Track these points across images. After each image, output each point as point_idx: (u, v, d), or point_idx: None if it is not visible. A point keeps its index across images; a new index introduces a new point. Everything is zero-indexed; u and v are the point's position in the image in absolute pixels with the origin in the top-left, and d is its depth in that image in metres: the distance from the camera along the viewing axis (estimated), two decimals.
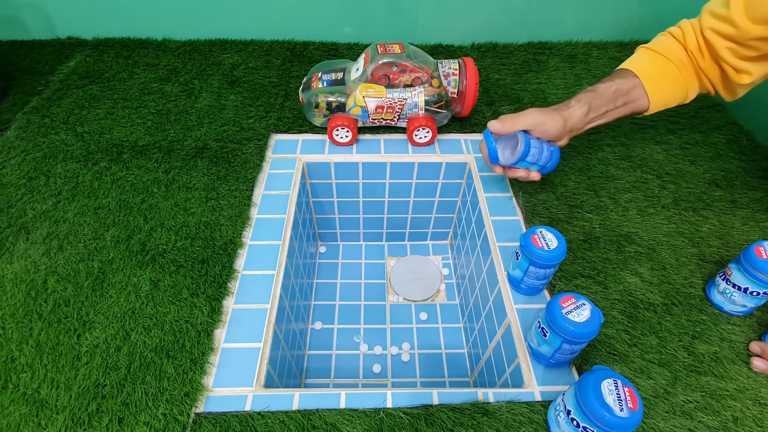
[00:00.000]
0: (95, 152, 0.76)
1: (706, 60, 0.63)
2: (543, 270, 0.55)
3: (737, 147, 0.80)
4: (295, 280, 0.73)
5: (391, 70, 0.72)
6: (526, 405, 0.49)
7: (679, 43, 0.64)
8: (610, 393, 0.40)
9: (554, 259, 0.53)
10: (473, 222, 0.77)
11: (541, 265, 0.54)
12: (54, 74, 0.93)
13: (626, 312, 0.57)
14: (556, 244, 0.53)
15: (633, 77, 0.64)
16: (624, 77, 0.64)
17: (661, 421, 0.48)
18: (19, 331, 0.54)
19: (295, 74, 0.94)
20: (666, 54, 0.64)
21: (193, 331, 0.54)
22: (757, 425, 0.47)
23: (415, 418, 0.48)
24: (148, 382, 0.50)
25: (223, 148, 0.77)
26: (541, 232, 0.54)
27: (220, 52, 1.00)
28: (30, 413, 0.47)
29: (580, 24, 1.04)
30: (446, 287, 0.92)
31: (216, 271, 0.60)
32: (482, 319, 0.72)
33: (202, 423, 0.47)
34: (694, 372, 0.52)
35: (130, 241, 0.63)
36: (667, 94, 0.65)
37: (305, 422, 0.47)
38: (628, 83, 0.64)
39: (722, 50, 0.59)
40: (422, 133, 0.77)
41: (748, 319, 0.57)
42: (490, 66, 0.98)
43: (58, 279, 0.59)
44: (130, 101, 0.86)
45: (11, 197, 0.69)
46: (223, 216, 0.67)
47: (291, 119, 0.84)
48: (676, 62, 0.64)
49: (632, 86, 0.64)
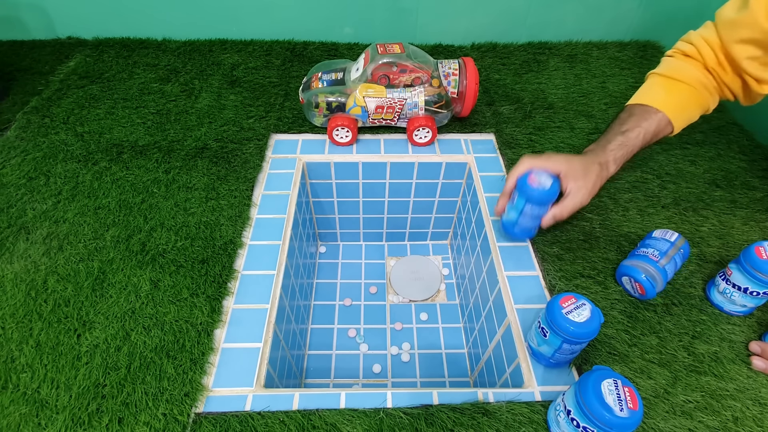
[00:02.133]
0: (95, 152, 0.76)
1: (728, 73, 0.61)
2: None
3: (737, 147, 0.80)
4: (295, 280, 0.73)
5: (391, 70, 0.72)
6: (526, 405, 0.49)
7: (697, 61, 0.63)
8: (610, 393, 0.40)
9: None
10: (473, 222, 0.77)
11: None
12: (54, 74, 0.93)
13: (626, 312, 0.57)
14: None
15: (656, 113, 0.62)
16: (648, 118, 0.62)
17: (661, 421, 0.48)
18: (19, 331, 0.54)
19: (295, 74, 0.94)
20: (684, 79, 0.63)
21: (193, 331, 0.54)
22: (757, 425, 0.47)
23: (415, 418, 0.48)
24: (148, 382, 0.50)
25: (223, 148, 0.77)
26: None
27: (220, 52, 1.00)
28: (30, 413, 0.47)
29: (580, 24, 1.04)
30: (446, 287, 0.92)
31: (216, 271, 0.60)
32: (482, 319, 0.72)
33: (202, 423, 0.47)
34: (694, 372, 0.52)
35: (130, 241, 0.63)
36: (689, 114, 0.64)
37: (305, 422, 0.47)
38: (653, 123, 0.62)
39: (744, 61, 0.58)
40: (422, 133, 0.77)
41: (748, 319, 0.57)
42: (490, 66, 0.98)
43: (58, 279, 0.59)
44: (130, 101, 0.86)
45: (11, 197, 0.69)
46: (223, 216, 0.67)
47: (291, 119, 0.84)
48: (694, 83, 0.62)
49: (657, 122, 0.62)
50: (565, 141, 0.80)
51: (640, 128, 0.62)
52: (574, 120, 0.84)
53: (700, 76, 0.62)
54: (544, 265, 0.62)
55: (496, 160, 0.78)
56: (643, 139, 0.62)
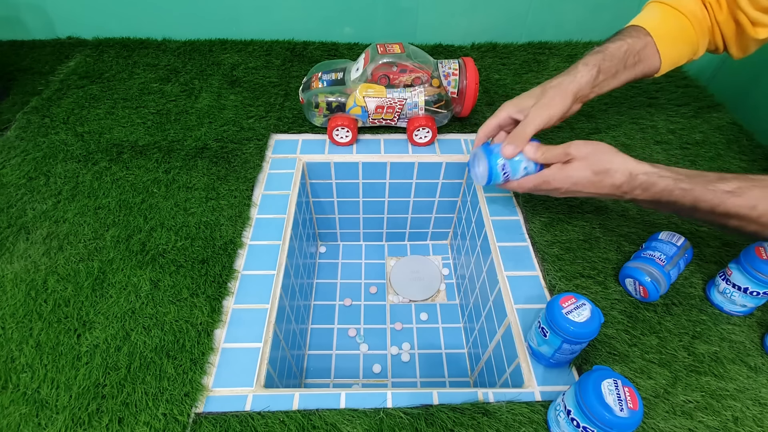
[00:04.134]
0: (95, 152, 0.76)
1: (724, 12, 0.59)
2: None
3: (737, 147, 0.80)
4: (295, 280, 0.73)
5: (391, 70, 0.72)
6: (526, 405, 0.49)
7: None
8: (610, 393, 0.40)
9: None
10: (473, 222, 0.77)
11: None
12: (54, 74, 0.93)
13: (626, 312, 0.57)
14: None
15: (645, 35, 0.59)
16: (635, 36, 0.59)
17: (661, 421, 0.48)
18: (19, 331, 0.54)
19: (295, 74, 0.94)
20: (678, 7, 0.60)
21: (193, 331, 0.54)
22: (757, 425, 0.47)
23: (415, 418, 0.48)
24: (148, 382, 0.50)
25: (223, 148, 0.77)
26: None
27: (220, 52, 1.00)
28: (30, 413, 0.47)
29: (580, 24, 1.04)
30: (446, 287, 0.92)
31: (216, 271, 0.60)
32: (482, 319, 0.72)
33: (202, 423, 0.47)
34: (694, 372, 0.52)
35: (130, 241, 0.63)
36: (679, 51, 0.62)
37: (305, 422, 0.47)
38: (639, 42, 0.59)
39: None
40: (422, 133, 0.77)
41: (748, 319, 0.57)
42: (490, 66, 0.98)
43: (58, 279, 0.59)
44: (130, 101, 0.86)
45: (11, 197, 0.69)
46: (223, 216, 0.67)
47: (291, 119, 0.84)
48: (690, 16, 0.59)
49: (644, 45, 0.59)
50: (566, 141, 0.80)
51: (623, 41, 0.59)
52: (574, 120, 0.84)
53: (696, 9, 0.60)
54: (544, 265, 0.62)
55: None
56: (626, 53, 0.59)
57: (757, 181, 0.45)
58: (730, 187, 0.45)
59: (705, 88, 0.92)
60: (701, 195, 0.46)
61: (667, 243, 0.58)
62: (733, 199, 0.45)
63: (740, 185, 0.45)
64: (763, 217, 0.44)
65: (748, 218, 0.45)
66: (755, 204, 0.44)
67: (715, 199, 0.46)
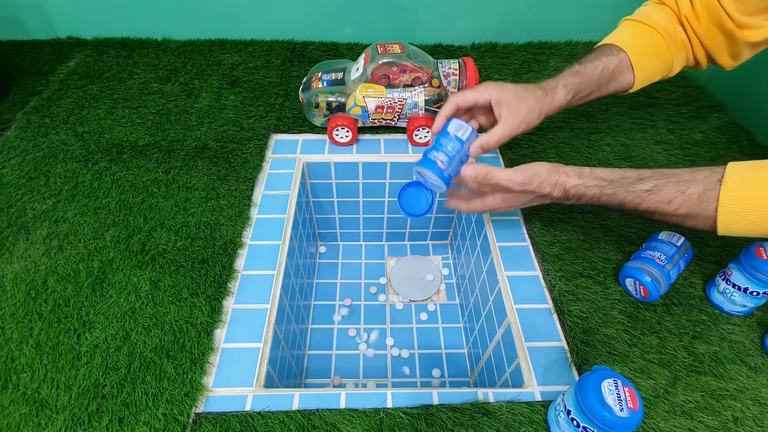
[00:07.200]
0: (95, 152, 0.76)
1: (702, 24, 0.58)
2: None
3: (737, 147, 0.80)
4: (295, 280, 0.73)
5: (391, 70, 0.72)
6: (526, 405, 0.49)
7: (669, 8, 0.61)
8: (610, 393, 0.40)
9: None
10: (473, 222, 0.77)
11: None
12: (54, 74, 0.93)
13: (626, 312, 0.57)
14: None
15: (618, 51, 0.61)
16: (610, 53, 0.61)
17: (661, 421, 0.48)
18: (19, 331, 0.54)
19: (295, 74, 0.94)
20: (649, 23, 0.61)
21: (193, 331, 0.54)
22: (757, 425, 0.47)
23: (415, 418, 0.48)
24: (148, 382, 0.50)
25: (223, 148, 0.77)
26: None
27: (220, 52, 1.00)
28: (30, 413, 0.47)
29: (580, 24, 1.04)
30: (446, 287, 0.92)
31: (216, 271, 0.60)
32: (482, 319, 0.72)
33: (202, 423, 0.47)
34: (694, 372, 0.52)
35: (130, 241, 0.63)
36: (653, 67, 0.62)
37: (305, 422, 0.47)
38: (614, 60, 0.60)
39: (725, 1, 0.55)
40: (422, 133, 0.77)
41: (748, 319, 0.57)
42: (490, 66, 0.98)
43: (58, 279, 0.59)
44: (130, 101, 0.86)
45: (11, 197, 0.69)
46: (223, 216, 0.67)
47: (291, 119, 0.84)
48: (661, 31, 0.60)
49: (618, 62, 0.60)
50: (566, 141, 0.80)
51: (599, 61, 0.60)
52: (574, 120, 0.84)
53: (668, 25, 0.61)
54: (544, 265, 0.62)
55: (496, 161, 0.78)
56: (601, 73, 0.60)
57: (672, 176, 0.49)
58: (648, 186, 0.49)
59: (705, 88, 0.92)
60: (624, 197, 0.50)
61: (667, 243, 0.58)
62: (651, 196, 0.49)
63: (657, 183, 0.49)
64: (680, 209, 0.48)
65: (667, 212, 0.49)
66: (671, 199, 0.48)
67: (636, 199, 0.50)
